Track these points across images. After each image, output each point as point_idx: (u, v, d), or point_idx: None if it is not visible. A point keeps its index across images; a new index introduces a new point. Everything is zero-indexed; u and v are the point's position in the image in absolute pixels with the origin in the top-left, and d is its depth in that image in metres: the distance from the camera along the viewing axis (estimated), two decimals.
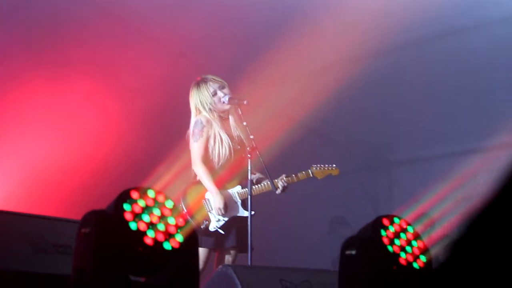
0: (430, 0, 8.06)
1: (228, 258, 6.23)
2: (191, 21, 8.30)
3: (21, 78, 7.64)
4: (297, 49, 8.54)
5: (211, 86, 6.30)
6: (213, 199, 6.14)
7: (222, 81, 6.37)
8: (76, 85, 8.00)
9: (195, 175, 6.27)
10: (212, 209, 6.16)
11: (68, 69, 7.88)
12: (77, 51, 7.93)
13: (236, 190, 6.28)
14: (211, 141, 6.21)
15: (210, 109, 6.27)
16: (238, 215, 6.23)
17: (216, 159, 6.22)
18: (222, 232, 6.13)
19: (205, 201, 6.20)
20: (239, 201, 6.26)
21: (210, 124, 6.23)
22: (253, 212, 6.11)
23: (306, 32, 8.12)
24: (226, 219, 6.17)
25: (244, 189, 6.23)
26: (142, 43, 8.44)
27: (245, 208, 6.23)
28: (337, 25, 8.19)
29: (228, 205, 6.18)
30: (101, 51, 8.09)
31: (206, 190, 6.18)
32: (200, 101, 6.29)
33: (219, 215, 6.14)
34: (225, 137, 6.21)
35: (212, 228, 6.14)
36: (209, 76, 6.37)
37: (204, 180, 6.15)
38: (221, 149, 6.20)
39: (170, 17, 8.30)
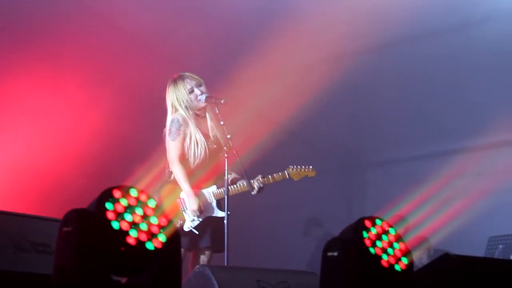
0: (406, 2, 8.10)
1: (203, 258, 6.19)
2: (173, 19, 8.28)
3: (0, 74, 7.59)
4: (275, 51, 8.54)
5: (188, 83, 6.27)
6: (188, 201, 6.11)
7: (199, 78, 6.33)
8: (55, 84, 7.95)
9: (170, 174, 6.23)
10: (187, 209, 6.13)
11: (47, 68, 7.83)
12: (58, 50, 7.90)
13: (211, 190, 6.25)
14: (187, 140, 6.17)
15: (186, 106, 6.23)
16: (213, 215, 6.20)
17: (191, 159, 6.18)
18: (197, 232, 6.10)
19: (180, 200, 6.16)
20: (214, 201, 6.23)
21: (186, 123, 6.19)
22: (228, 213, 6.10)
23: (286, 32, 8.11)
24: (200, 219, 6.14)
25: (220, 189, 6.21)
26: (123, 43, 8.40)
27: (220, 208, 6.20)
28: (316, 26, 8.20)
29: (203, 206, 6.15)
30: (82, 50, 8.05)
31: (181, 190, 6.15)
32: (177, 98, 6.24)
33: (193, 216, 6.10)
34: (199, 136, 6.17)
35: (186, 228, 6.11)
36: (186, 73, 6.33)
37: (180, 181, 6.10)
38: (196, 149, 6.16)
39: (152, 16, 8.27)
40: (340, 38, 8.51)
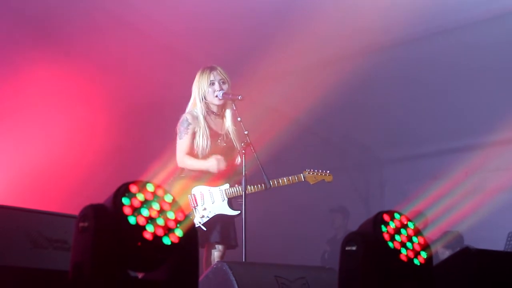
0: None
1: (213, 253, 6.17)
2: (185, 17, 8.27)
3: (16, 73, 7.61)
4: (290, 47, 8.52)
5: (213, 76, 6.24)
6: (212, 164, 6.06)
7: (227, 77, 6.28)
8: (71, 80, 7.97)
9: (182, 170, 6.22)
10: (197, 205, 6.11)
11: (63, 64, 7.85)
12: (76, 49, 7.93)
13: (223, 188, 6.22)
14: (196, 138, 6.16)
15: (203, 98, 6.22)
16: (223, 213, 6.18)
17: (199, 157, 6.17)
18: (204, 229, 6.07)
19: (191, 196, 6.14)
20: (225, 200, 6.21)
21: (196, 120, 6.17)
22: (239, 211, 6.10)
23: (300, 29, 8.10)
24: (210, 216, 6.12)
25: (232, 189, 6.19)
26: (139, 41, 8.42)
27: (231, 207, 6.20)
28: (331, 23, 8.18)
29: (214, 203, 6.14)
30: (97, 48, 8.07)
31: (192, 186, 6.14)
32: (198, 89, 6.23)
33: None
34: (207, 134, 6.14)
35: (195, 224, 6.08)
36: (218, 67, 6.30)
37: (195, 166, 6.09)
38: (203, 145, 6.13)
39: (165, 13, 8.26)
40: (358, 34, 8.49)
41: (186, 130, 6.15)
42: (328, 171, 6.53)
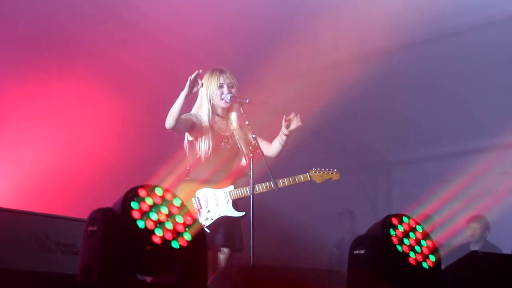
0: (429, 2, 8.04)
1: (220, 256, 6.16)
2: (194, 20, 8.28)
3: (23, 77, 7.63)
4: (296, 50, 8.51)
5: (223, 78, 6.20)
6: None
7: (235, 81, 6.25)
8: (80, 84, 7.98)
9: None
10: (201, 208, 6.10)
11: (68, 68, 7.86)
12: (78, 51, 7.93)
13: (228, 190, 6.21)
14: (199, 140, 6.13)
15: (211, 99, 6.19)
16: (228, 215, 6.16)
17: (202, 159, 6.15)
18: (208, 231, 6.04)
19: (195, 199, 6.12)
20: (230, 201, 6.18)
21: (199, 120, 6.15)
22: (244, 213, 6.08)
23: (308, 32, 8.09)
24: (214, 218, 6.11)
25: (237, 190, 6.17)
26: (144, 42, 8.41)
27: (236, 208, 6.17)
28: (336, 27, 8.16)
29: (219, 206, 6.13)
30: (103, 50, 8.08)
31: (196, 188, 6.10)
32: (206, 90, 6.17)
33: None
34: (209, 136, 6.10)
35: None
36: (227, 71, 6.26)
37: (175, 105, 5.88)
38: (205, 147, 6.10)
39: (173, 16, 8.27)
40: (366, 36, 8.47)
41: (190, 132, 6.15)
42: (335, 170, 6.48)
